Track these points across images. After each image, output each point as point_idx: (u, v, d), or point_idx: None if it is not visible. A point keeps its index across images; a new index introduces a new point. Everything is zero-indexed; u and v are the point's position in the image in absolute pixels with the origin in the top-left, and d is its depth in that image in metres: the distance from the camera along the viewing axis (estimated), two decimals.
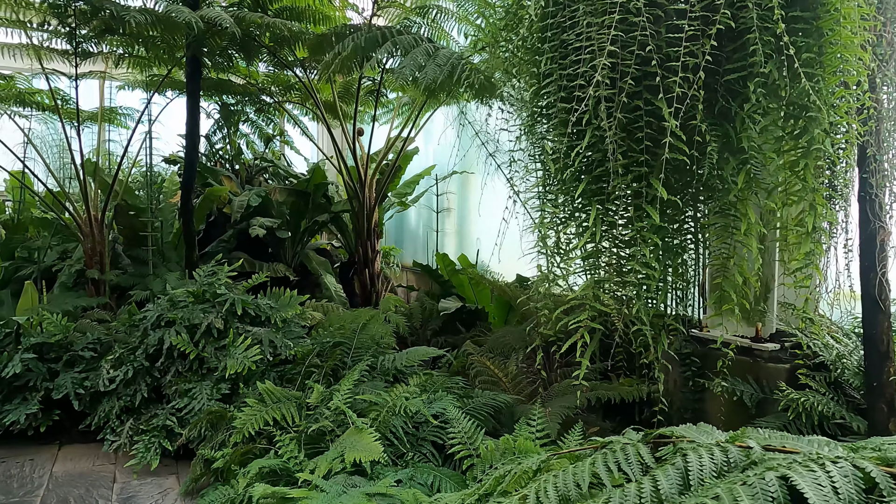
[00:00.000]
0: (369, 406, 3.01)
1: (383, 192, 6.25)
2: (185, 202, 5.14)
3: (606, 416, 3.88)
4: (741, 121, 2.51)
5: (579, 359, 2.76)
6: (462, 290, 5.31)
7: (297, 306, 4.58)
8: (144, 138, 5.84)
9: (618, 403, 3.52)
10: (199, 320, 4.15)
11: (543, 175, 2.86)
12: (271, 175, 7.52)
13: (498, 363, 3.52)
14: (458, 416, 2.72)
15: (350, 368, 3.73)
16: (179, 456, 3.94)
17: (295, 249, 6.95)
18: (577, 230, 2.77)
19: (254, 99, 6.87)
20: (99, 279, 5.37)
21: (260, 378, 4.04)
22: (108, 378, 4.14)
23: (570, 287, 3.19)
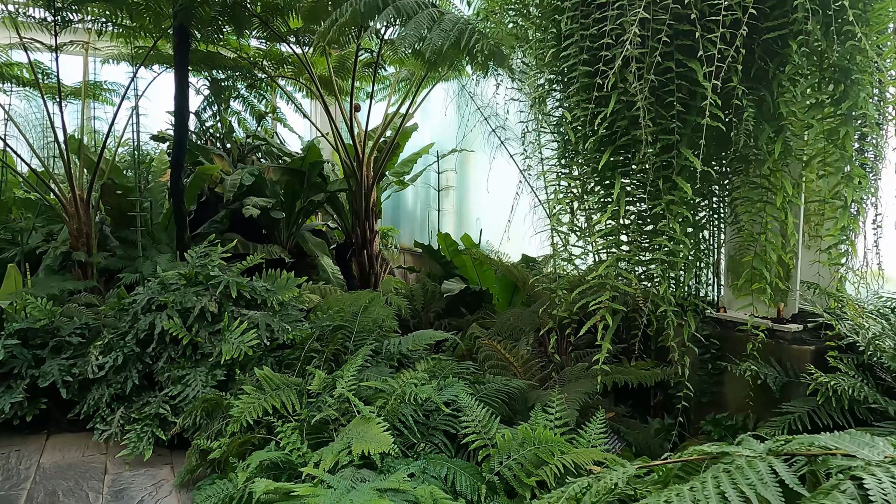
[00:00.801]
0: (375, 393, 2.84)
1: (381, 171, 6.03)
2: (175, 181, 4.91)
3: (618, 399, 3.73)
4: (778, 84, 2.32)
5: (600, 342, 2.59)
6: (465, 270, 5.12)
7: (295, 289, 4.38)
8: (131, 115, 5.57)
9: (632, 388, 3.37)
10: (191, 304, 3.95)
11: (560, 146, 2.66)
12: (264, 154, 7.27)
13: (508, 347, 3.35)
14: (472, 403, 2.55)
15: (352, 353, 3.55)
16: (174, 445, 3.77)
17: (290, 230, 6.73)
18: (598, 205, 2.58)
19: (245, 74, 6.59)
20: (86, 262, 5.15)
21: (257, 364, 3.86)
22: (96, 365, 3.95)
23: (588, 266, 3.01)
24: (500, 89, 5.92)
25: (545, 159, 3.41)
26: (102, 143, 5.28)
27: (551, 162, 3.28)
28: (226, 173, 6.34)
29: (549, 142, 3.32)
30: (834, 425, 2.71)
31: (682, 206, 2.33)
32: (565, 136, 2.65)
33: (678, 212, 2.29)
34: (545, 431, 2.31)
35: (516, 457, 2.25)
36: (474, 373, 3.00)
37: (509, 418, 2.83)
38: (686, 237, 2.35)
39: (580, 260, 2.77)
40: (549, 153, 4.06)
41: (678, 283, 2.46)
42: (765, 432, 2.75)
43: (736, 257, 3.59)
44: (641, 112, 2.15)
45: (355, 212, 5.94)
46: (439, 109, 7.22)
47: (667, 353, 3.98)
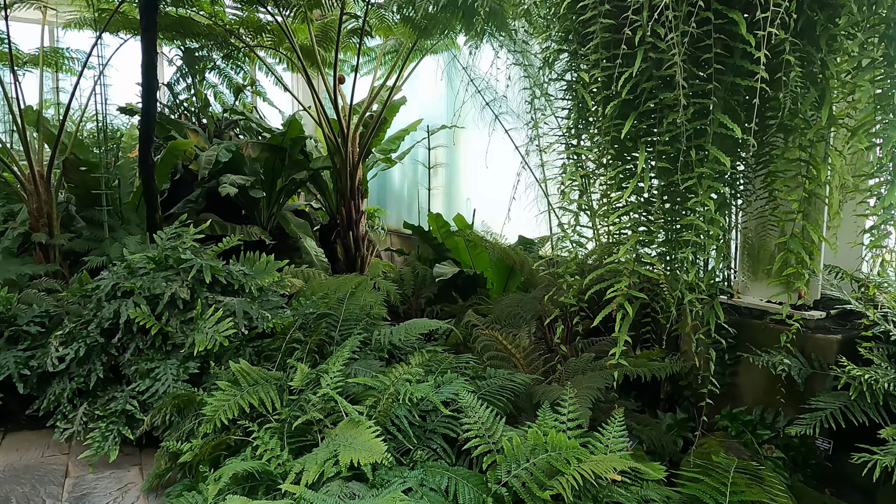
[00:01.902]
0: (364, 391, 2.55)
1: (367, 148, 5.67)
2: (145, 156, 4.52)
3: (623, 391, 3.48)
4: (828, 40, 2.02)
5: (617, 333, 2.31)
6: (457, 253, 4.82)
7: (275, 273, 4.05)
8: (95, 84, 5.14)
9: (643, 380, 3.11)
10: (161, 290, 3.61)
11: (574, 114, 2.35)
12: (242, 129, 6.86)
13: (508, 336, 3.07)
14: (474, 403, 2.27)
15: (338, 344, 3.25)
16: (143, 444, 3.46)
17: (270, 210, 6.36)
18: (615, 180, 2.28)
19: (221, 43, 6.15)
20: (47, 244, 4.76)
21: (234, 355, 3.54)
22: (56, 357, 3.60)
23: (600, 248, 2.73)
24: (496, 60, 5.58)
25: (552, 130, 3.10)
26: (63, 115, 4.85)
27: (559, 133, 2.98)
28: (201, 149, 5.94)
29: (558, 110, 3.00)
30: (869, 423, 2.49)
31: (717, 180, 2.04)
32: (579, 102, 2.33)
33: (712, 186, 2.00)
34: (559, 436, 2.03)
35: (527, 465, 1.98)
36: (475, 366, 2.72)
37: (513, 417, 2.56)
38: (719, 216, 2.06)
39: (591, 242, 2.47)
40: (554, 124, 3.73)
41: (706, 268, 2.18)
42: (795, 431, 2.51)
43: (753, 239, 3.33)
44: (677, 69, 1.84)
45: (340, 191, 5.59)
46: (428, 83, 6.85)
47: (675, 342, 3.75)
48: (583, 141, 2.54)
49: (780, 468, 2.71)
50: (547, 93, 2.80)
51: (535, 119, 5.27)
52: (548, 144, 3.08)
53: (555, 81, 2.75)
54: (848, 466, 2.84)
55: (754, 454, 2.78)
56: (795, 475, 2.83)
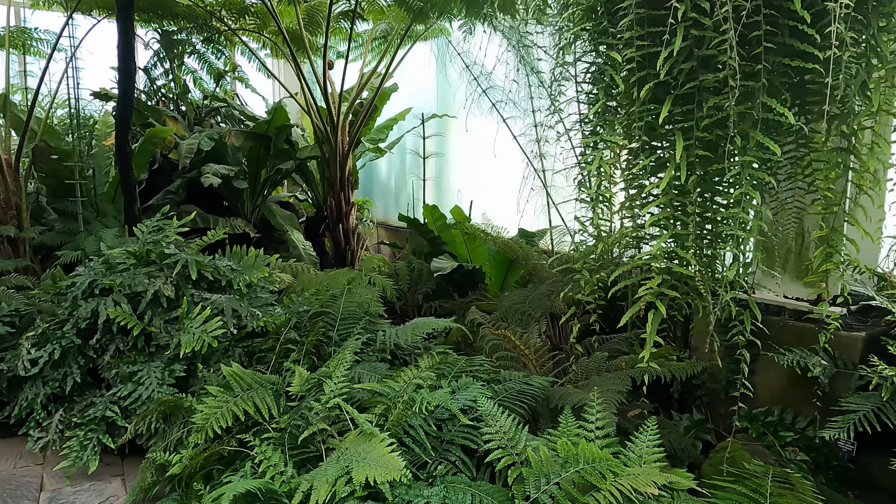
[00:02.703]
0: (372, 397, 2.36)
1: (357, 137, 5.44)
2: (121, 143, 4.23)
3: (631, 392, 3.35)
4: (879, 18, 1.88)
5: (647, 334, 2.16)
6: (453, 247, 4.64)
7: (265, 268, 3.82)
8: (66, 67, 4.82)
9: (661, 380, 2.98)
10: (143, 287, 3.36)
11: (602, 97, 2.17)
12: (224, 117, 6.56)
13: (519, 336, 2.91)
14: (494, 410, 2.10)
15: (337, 345, 3.05)
16: (125, 453, 3.23)
17: (254, 202, 6.09)
18: (647, 169, 2.12)
19: (201, 26, 5.84)
20: (16, 237, 4.45)
21: (223, 356, 3.32)
22: (28, 360, 3.33)
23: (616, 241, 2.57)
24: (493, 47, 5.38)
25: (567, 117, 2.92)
26: (32, 100, 4.53)
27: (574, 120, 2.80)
28: (181, 137, 5.64)
29: (562, 96, 2.83)
30: (894, 425, 2.38)
31: (760, 170, 1.89)
32: (606, 86, 2.16)
33: (759, 176, 1.84)
34: (590, 447, 1.87)
35: (557, 480, 1.81)
36: (490, 369, 2.54)
37: (531, 423, 2.40)
38: (763, 209, 1.92)
39: (629, 236, 2.31)
40: (555, 111, 3.55)
41: (745, 264, 2.03)
42: (829, 435, 2.39)
43: (773, 233, 3.21)
44: (728, 47, 1.68)
45: (329, 181, 5.36)
46: (417, 71, 6.63)
47: (685, 340, 3.62)
48: (603, 128, 2.37)
49: (804, 471, 2.60)
50: (558, 77, 2.62)
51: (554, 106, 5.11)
52: (559, 134, 2.90)
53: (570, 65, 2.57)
54: (872, 468, 2.74)
55: (778, 457, 2.67)
56: (818, 477, 2.72)
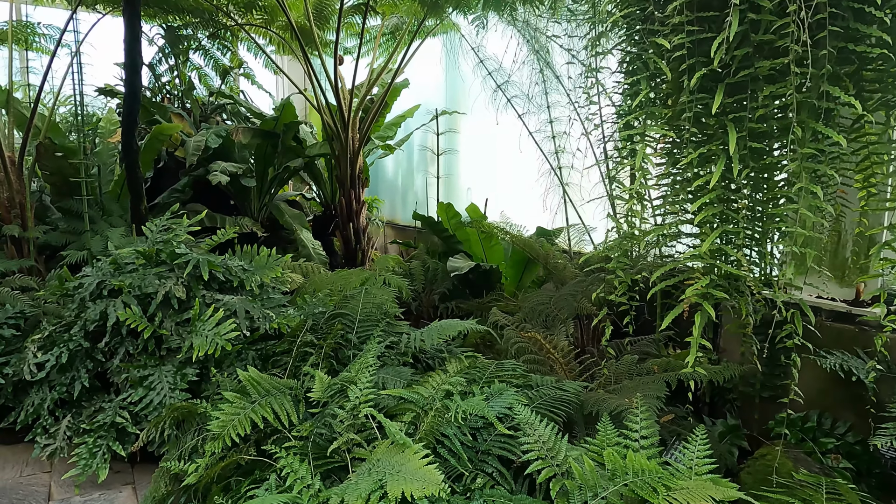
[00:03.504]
0: (399, 404, 2.24)
1: (367, 134, 5.32)
2: (128, 140, 4.11)
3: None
4: None
5: (693, 338, 2.05)
6: (469, 245, 4.52)
7: (277, 268, 3.71)
8: (71, 63, 4.70)
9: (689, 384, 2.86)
10: (153, 288, 3.25)
11: (644, 87, 2.05)
12: (230, 114, 6.44)
13: (547, 338, 2.79)
14: (531, 418, 1.98)
15: (356, 348, 2.93)
16: (136, 461, 3.12)
17: (262, 200, 5.98)
18: (693, 164, 2.00)
19: (207, 21, 5.72)
20: (20, 237, 4.33)
21: (236, 359, 3.21)
22: (35, 364, 3.22)
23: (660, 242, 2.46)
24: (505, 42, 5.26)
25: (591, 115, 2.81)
26: (36, 96, 4.41)
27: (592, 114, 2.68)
28: (187, 135, 5.52)
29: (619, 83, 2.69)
30: None
31: (821, 163, 1.77)
32: (650, 75, 2.04)
33: (823, 172, 1.73)
34: (638, 458, 1.76)
35: (605, 494, 1.70)
36: (523, 374, 2.42)
37: (567, 431, 2.28)
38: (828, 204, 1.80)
39: (669, 230, 2.19)
40: (569, 106, 3.43)
41: (803, 264, 1.91)
42: (881, 443, 2.28)
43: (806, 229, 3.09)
44: (793, 29, 1.56)
45: (339, 179, 5.24)
46: (426, 67, 6.51)
47: (713, 341, 3.51)
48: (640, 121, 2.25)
49: (848, 479, 2.49)
50: (593, 67, 2.50)
51: (549, 103, 4.99)
52: (587, 130, 2.78)
53: (606, 54, 2.45)
54: None
55: (820, 465, 2.55)
56: (860, 486, 2.61)
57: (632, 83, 2.18)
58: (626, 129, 2.19)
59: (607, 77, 2.45)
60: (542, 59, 5.00)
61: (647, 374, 2.75)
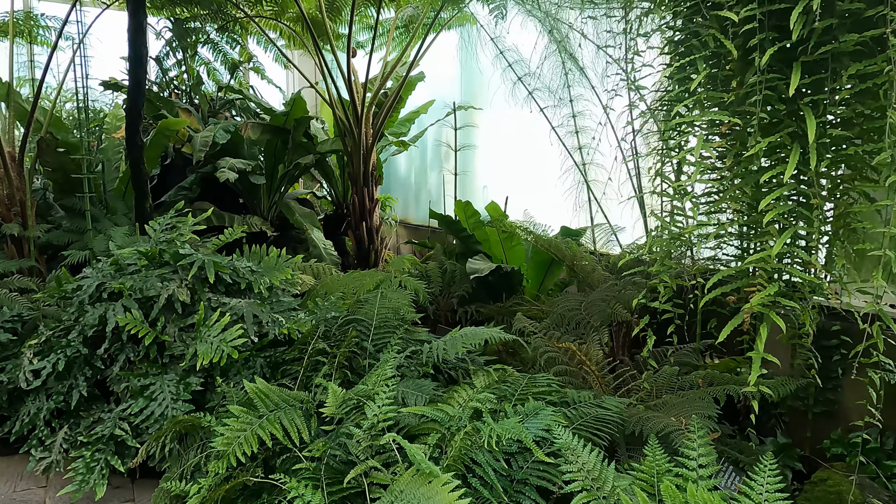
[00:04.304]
0: (421, 422, 2.02)
1: (380, 129, 5.10)
2: (132, 134, 3.92)
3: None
4: None
5: (754, 353, 1.81)
6: (488, 246, 4.29)
7: (288, 270, 3.50)
8: (74, 54, 4.52)
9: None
10: (155, 291, 3.05)
11: (701, 67, 1.81)
12: (239, 110, 6.24)
13: (580, 347, 2.56)
14: (573, 442, 1.75)
15: (372, 357, 2.71)
16: (136, 476, 2.92)
17: (271, 198, 5.78)
18: (758, 154, 1.76)
19: (215, 13, 5.53)
20: (20, 236, 4.15)
21: (242, 368, 3.00)
22: (31, 371, 3.03)
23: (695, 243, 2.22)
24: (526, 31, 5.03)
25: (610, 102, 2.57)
26: (37, 89, 4.23)
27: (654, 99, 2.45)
28: (194, 130, 5.34)
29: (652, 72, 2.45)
30: None
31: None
32: (713, 53, 1.80)
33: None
34: (702, 493, 1.53)
35: None
36: (558, 389, 2.19)
37: (609, 453, 2.05)
38: None
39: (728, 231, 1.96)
40: (593, 99, 3.21)
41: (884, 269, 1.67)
42: None
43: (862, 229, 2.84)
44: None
45: (352, 177, 5.03)
46: (440, 62, 6.29)
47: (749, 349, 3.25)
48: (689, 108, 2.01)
49: None
50: (636, 51, 2.26)
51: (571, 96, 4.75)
52: (641, 113, 2.55)
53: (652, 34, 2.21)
54: None
55: (886, 490, 2.30)
56: None
57: (680, 66, 1.93)
58: (676, 118, 1.95)
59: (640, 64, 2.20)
60: (564, 51, 4.76)
61: (691, 388, 2.50)
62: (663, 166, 2.29)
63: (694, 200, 1.97)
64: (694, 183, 1.81)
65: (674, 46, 2.03)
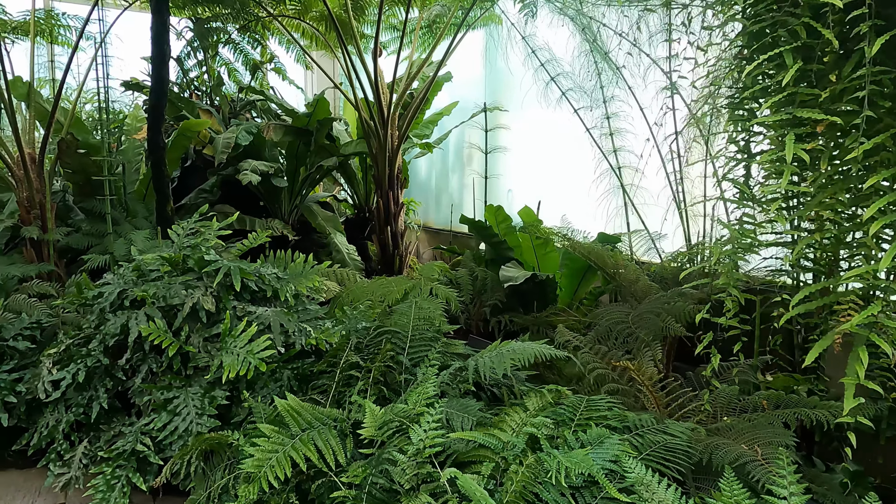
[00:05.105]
0: (470, 448, 1.85)
1: (406, 131, 4.95)
2: (154, 135, 3.80)
3: None
4: None
5: (846, 379, 1.62)
6: (520, 252, 4.12)
7: (315, 277, 3.35)
8: (95, 55, 4.42)
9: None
10: (179, 299, 2.91)
11: (790, 60, 1.63)
12: (260, 111, 6.13)
13: (635, 364, 2.38)
14: (646, 475, 1.57)
15: (409, 372, 2.55)
16: (158, 495, 2.77)
17: (293, 202, 5.65)
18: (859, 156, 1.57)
19: (237, 13, 5.42)
20: (40, 239, 4.05)
21: (269, 380, 2.85)
22: (50, 381, 2.90)
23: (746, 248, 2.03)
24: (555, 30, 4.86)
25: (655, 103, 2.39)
26: (58, 89, 4.13)
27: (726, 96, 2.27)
28: (215, 132, 5.22)
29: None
30: None
31: None
32: (804, 44, 1.62)
33: None
34: None
35: None
36: (619, 412, 2.01)
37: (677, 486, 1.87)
38: None
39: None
40: (627, 101, 3.03)
41: None
42: None
43: None
44: None
45: (377, 179, 4.88)
46: (464, 61, 6.13)
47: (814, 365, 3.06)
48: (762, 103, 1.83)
49: None
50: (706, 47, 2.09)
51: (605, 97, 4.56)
52: (705, 113, 2.38)
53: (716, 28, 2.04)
54: None
55: None
56: None
57: (759, 61, 1.75)
58: (758, 117, 1.77)
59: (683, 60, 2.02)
60: (597, 50, 4.58)
61: (755, 411, 2.32)
62: (729, 171, 2.11)
63: (778, 208, 1.78)
64: (783, 188, 1.63)
65: (750, 39, 1.85)
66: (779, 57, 1.66)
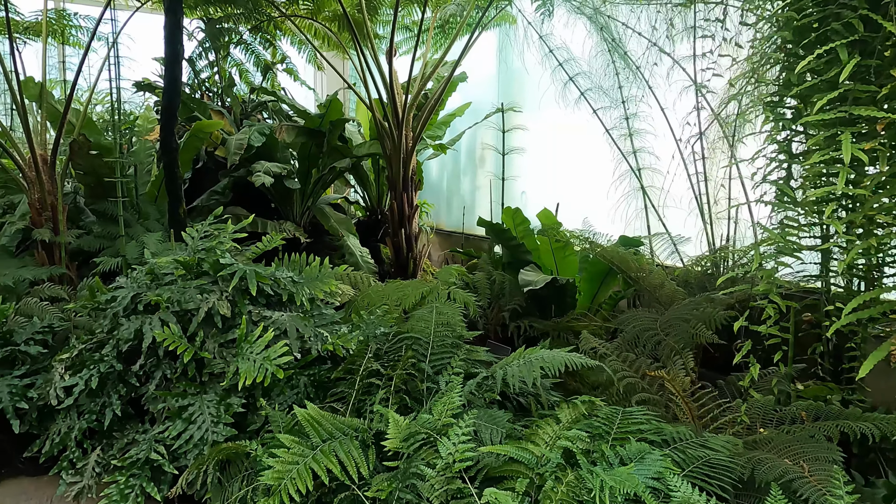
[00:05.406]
0: (503, 463, 1.76)
1: (420, 132, 4.88)
2: (167, 136, 3.74)
3: None
4: None
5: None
6: (538, 256, 4.03)
7: (332, 281, 3.28)
8: (107, 55, 4.36)
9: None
10: (194, 304, 2.84)
11: (843, 56, 1.54)
12: (272, 112, 6.07)
13: (669, 373, 2.29)
14: (693, 494, 1.49)
15: (431, 380, 2.47)
16: (172, 502, 2.70)
17: (305, 203, 5.58)
18: None
19: (249, 13, 5.36)
20: (51, 241, 3.99)
21: (286, 387, 2.78)
22: (62, 388, 2.84)
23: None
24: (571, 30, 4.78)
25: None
26: (70, 90, 4.08)
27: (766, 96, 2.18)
28: (227, 133, 5.16)
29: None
30: None
31: None
32: (856, 40, 1.53)
33: None
34: None
35: None
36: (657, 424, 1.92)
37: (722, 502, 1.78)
38: None
39: None
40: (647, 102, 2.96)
41: None
42: None
43: None
44: None
45: (391, 181, 4.81)
46: (478, 62, 6.06)
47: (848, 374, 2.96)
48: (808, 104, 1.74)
49: None
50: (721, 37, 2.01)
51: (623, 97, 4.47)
52: (741, 112, 2.29)
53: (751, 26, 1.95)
54: None
55: None
56: None
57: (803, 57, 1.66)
58: (806, 116, 1.68)
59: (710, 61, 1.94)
60: (615, 49, 4.49)
61: (793, 422, 2.22)
62: (770, 172, 2.02)
63: (832, 210, 1.69)
64: (840, 190, 1.54)
65: (795, 34, 1.76)
66: (831, 52, 1.57)
